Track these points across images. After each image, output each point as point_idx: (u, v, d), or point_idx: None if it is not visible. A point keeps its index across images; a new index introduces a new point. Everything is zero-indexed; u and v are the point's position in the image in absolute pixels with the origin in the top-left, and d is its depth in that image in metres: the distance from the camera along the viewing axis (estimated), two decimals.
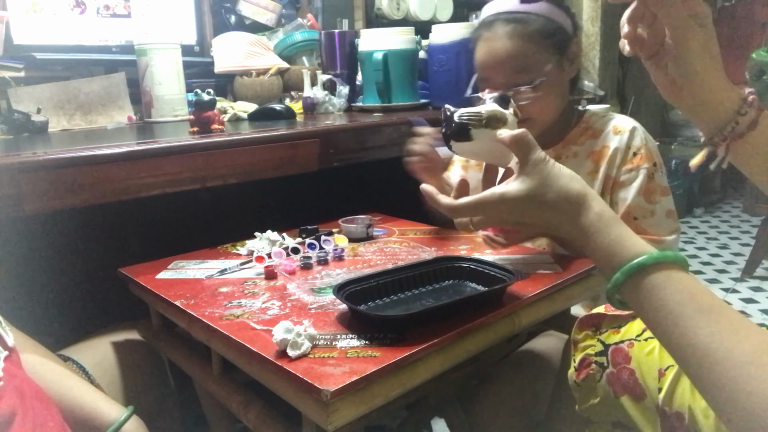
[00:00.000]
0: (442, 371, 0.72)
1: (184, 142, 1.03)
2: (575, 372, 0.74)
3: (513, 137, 0.59)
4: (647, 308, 0.49)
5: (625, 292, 0.51)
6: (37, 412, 0.60)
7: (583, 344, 0.75)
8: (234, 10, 1.86)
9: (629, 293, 0.51)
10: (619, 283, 0.51)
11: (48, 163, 0.85)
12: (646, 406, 0.68)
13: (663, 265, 0.49)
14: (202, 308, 0.81)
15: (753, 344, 0.43)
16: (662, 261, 0.49)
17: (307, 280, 0.91)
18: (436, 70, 1.58)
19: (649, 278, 0.49)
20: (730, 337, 0.44)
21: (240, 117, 1.48)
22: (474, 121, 0.62)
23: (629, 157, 1.03)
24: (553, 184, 0.56)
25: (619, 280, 0.50)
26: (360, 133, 1.30)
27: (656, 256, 0.49)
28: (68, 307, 1.26)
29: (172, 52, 1.45)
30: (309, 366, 0.64)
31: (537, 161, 0.57)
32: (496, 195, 0.58)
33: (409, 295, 0.84)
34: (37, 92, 1.34)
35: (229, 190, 1.14)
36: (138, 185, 0.96)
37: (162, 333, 0.98)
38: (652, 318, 0.49)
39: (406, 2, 2.31)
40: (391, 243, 1.09)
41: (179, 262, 1.02)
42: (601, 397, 0.72)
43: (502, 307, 0.79)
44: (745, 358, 0.42)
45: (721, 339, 0.44)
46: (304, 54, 1.84)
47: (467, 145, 0.64)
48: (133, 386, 0.96)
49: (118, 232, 1.34)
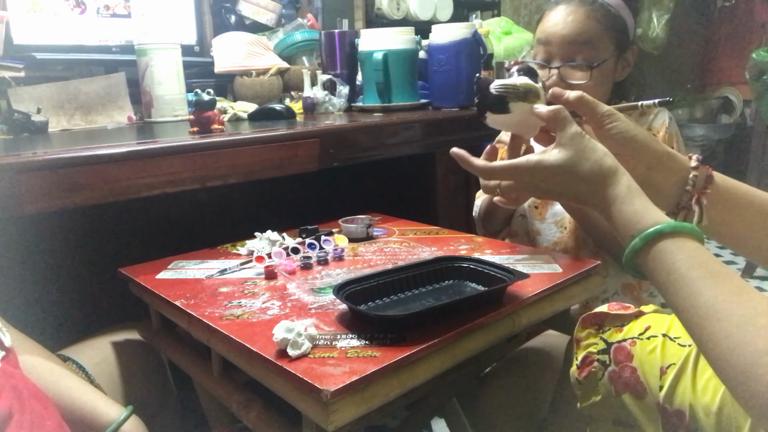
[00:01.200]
0: (442, 371, 0.72)
1: (184, 142, 1.03)
2: (577, 370, 0.74)
3: (552, 112, 0.62)
4: (659, 271, 0.53)
5: (641, 256, 0.54)
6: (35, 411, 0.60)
7: (586, 342, 0.75)
8: (234, 10, 1.86)
9: (644, 258, 0.54)
10: (638, 248, 0.54)
11: (48, 163, 0.85)
12: (648, 404, 0.68)
13: (679, 233, 0.53)
14: (202, 308, 0.81)
15: (752, 306, 0.47)
16: (679, 230, 0.53)
17: (307, 280, 0.91)
18: (436, 70, 1.58)
19: (664, 243, 0.53)
20: (732, 299, 0.48)
21: (240, 117, 1.48)
22: (511, 93, 0.63)
23: (662, 134, 1.06)
24: (589, 156, 0.59)
25: (637, 245, 0.54)
26: (360, 133, 1.30)
27: (674, 225, 0.53)
28: (68, 307, 1.26)
29: (172, 52, 1.45)
30: (309, 366, 0.64)
31: (573, 135, 0.60)
32: (533, 162, 0.60)
33: (409, 295, 0.84)
34: (37, 92, 1.34)
35: (229, 190, 1.14)
36: (138, 185, 0.96)
37: (162, 333, 0.98)
38: (663, 281, 0.52)
39: (406, 2, 2.31)
40: (391, 243, 1.09)
41: (179, 262, 1.02)
42: (603, 395, 0.72)
43: (502, 307, 0.79)
44: (744, 318, 0.46)
45: (724, 300, 0.48)
46: (304, 54, 1.84)
47: (503, 117, 0.64)
48: (133, 386, 0.96)
49: (118, 232, 1.34)
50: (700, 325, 0.48)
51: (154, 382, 1.02)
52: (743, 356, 0.45)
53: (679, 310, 0.52)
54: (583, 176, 0.59)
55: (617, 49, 1.04)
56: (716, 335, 0.47)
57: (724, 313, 0.47)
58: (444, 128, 1.45)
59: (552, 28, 1.04)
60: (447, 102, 1.59)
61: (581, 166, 0.59)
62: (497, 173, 0.62)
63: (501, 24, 2.18)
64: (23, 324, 0.82)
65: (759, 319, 0.46)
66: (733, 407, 0.61)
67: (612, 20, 1.02)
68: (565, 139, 0.60)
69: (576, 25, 1.01)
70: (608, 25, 1.02)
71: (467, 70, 1.55)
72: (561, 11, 1.03)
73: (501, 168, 0.62)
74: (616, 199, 0.57)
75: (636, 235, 0.54)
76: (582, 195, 0.60)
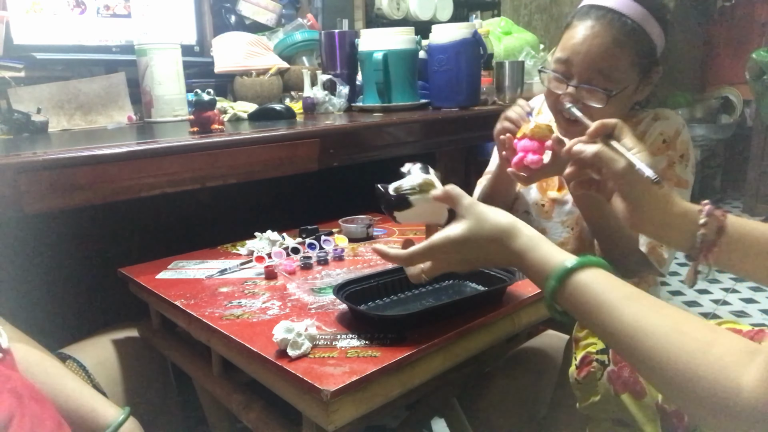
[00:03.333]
0: (442, 371, 0.72)
1: (184, 142, 1.03)
2: (576, 370, 0.74)
3: (444, 192, 0.67)
4: (580, 304, 0.55)
5: (560, 296, 0.57)
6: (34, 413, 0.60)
7: (585, 342, 0.75)
8: (234, 10, 1.86)
9: (563, 296, 0.57)
10: (555, 289, 0.56)
11: (48, 163, 0.85)
12: (647, 403, 0.68)
13: (587, 266, 0.56)
14: (202, 308, 0.81)
15: (672, 318, 0.50)
16: (586, 263, 0.56)
17: (307, 280, 0.91)
18: (436, 70, 1.58)
19: (577, 277, 0.56)
20: (652, 314, 0.51)
21: (240, 117, 1.47)
22: (409, 190, 0.71)
23: (659, 144, 1.02)
24: (486, 219, 0.63)
25: (553, 286, 0.56)
26: (360, 133, 1.30)
27: (581, 260, 0.56)
28: (68, 307, 1.26)
29: (172, 52, 1.45)
30: (309, 366, 0.64)
31: (469, 205, 0.65)
32: (441, 238, 0.64)
33: (409, 295, 0.84)
34: (37, 92, 1.34)
35: (229, 190, 1.14)
36: (138, 185, 0.96)
37: (162, 333, 0.98)
38: (586, 312, 0.55)
39: (406, 2, 2.31)
40: (391, 243, 1.09)
41: (179, 262, 1.02)
42: (602, 395, 0.72)
43: (502, 307, 0.79)
44: (668, 328, 0.49)
45: (645, 315, 0.51)
46: (304, 54, 1.84)
47: (409, 211, 0.71)
48: (134, 386, 0.96)
49: (118, 232, 1.34)
50: (631, 344, 0.50)
51: (155, 382, 1.02)
52: (678, 363, 0.47)
53: (607, 335, 0.53)
54: (487, 238, 0.62)
55: (640, 74, 0.98)
56: (648, 351, 0.49)
57: (649, 328, 0.49)
58: (444, 128, 1.45)
59: (576, 46, 0.96)
60: (447, 102, 1.59)
61: (482, 230, 0.63)
62: (414, 257, 0.65)
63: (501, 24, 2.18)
64: (23, 323, 0.82)
65: (682, 326, 0.49)
66: None
67: (638, 45, 0.95)
68: (463, 211, 0.65)
69: (600, 50, 0.94)
70: (634, 51, 0.95)
71: (467, 70, 1.55)
72: (587, 29, 0.95)
73: (416, 252, 0.65)
74: (522, 250, 0.60)
75: (549, 277, 0.57)
76: (492, 255, 0.63)
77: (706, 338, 0.47)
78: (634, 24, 0.94)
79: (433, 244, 0.64)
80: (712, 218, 0.66)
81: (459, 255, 0.64)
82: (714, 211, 0.66)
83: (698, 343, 0.47)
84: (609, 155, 0.66)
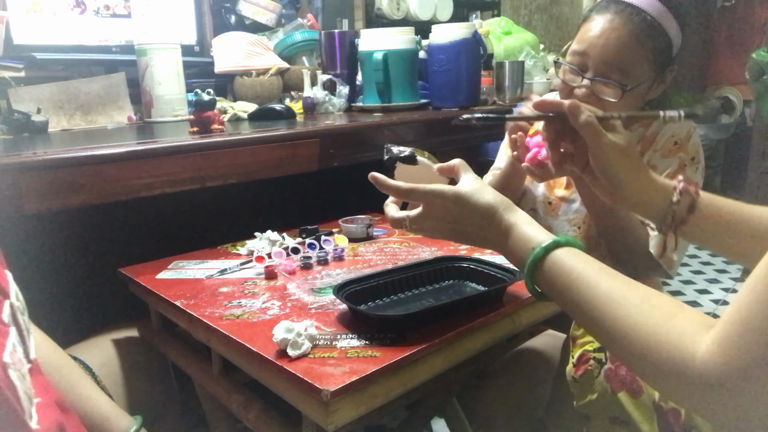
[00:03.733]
0: (442, 371, 0.72)
1: (184, 142, 1.03)
2: (573, 368, 0.75)
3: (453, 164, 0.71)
4: (559, 274, 0.58)
5: (538, 275, 0.60)
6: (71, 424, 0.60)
7: (582, 340, 0.76)
8: (234, 10, 1.86)
9: (541, 274, 0.59)
10: (539, 257, 0.59)
11: (48, 163, 0.85)
12: (644, 402, 0.68)
13: (563, 245, 0.59)
14: (202, 308, 0.81)
15: (644, 291, 0.53)
16: (572, 243, 0.59)
17: (307, 280, 0.91)
18: (436, 70, 1.58)
19: (561, 251, 0.58)
20: (626, 287, 0.54)
21: (240, 117, 1.47)
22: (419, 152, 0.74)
23: (670, 146, 1.02)
24: (484, 194, 0.66)
25: (539, 254, 0.59)
26: (360, 133, 1.30)
27: (567, 239, 0.60)
28: (68, 307, 1.26)
29: (172, 52, 1.45)
30: (309, 366, 0.64)
31: (472, 178, 0.68)
32: (438, 188, 0.66)
33: (409, 295, 0.84)
34: (37, 92, 1.34)
35: (229, 190, 1.14)
36: (138, 185, 0.96)
37: (162, 333, 0.98)
38: (562, 282, 0.57)
39: (406, 2, 2.31)
40: (391, 243, 1.09)
41: (179, 262, 1.02)
42: (599, 393, 0.72)
43: (502, 307, 0.79)
44: (639, 300, 0.52)
45: (620, 288, 0.54)
46: (304, 54, 1.84)
47: (411, 168, 0.73)
48: (137, 386, 0.96)
49: (118, 232, 1.34)
50: (602, 312, 0.53)
51: (157, 382, 1.02)
52: (642, 330, 0.49)
53: (579, 306, 0.56)
54: (479, 208, 0.65)
55: (655, 72, 0.97)
56: (616, 318, 0.52)
57: (621, 299, 0.52)
58: (444, 128, 1.45)
59: (593, 39, 0.95)
60: (447, 102, 1.59)
61: (477, 201, 0.65)
62: (411, 193, 0.68)
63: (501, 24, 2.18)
64: None
65: (652, 300, 0.52)
66: None
67: (656, 41, 0.95)
68: (464, 180, 0.68)
69: (617, 44, 0.93)
70: (651, 47, 0.95)
71: (467, 70, 1.55)
72: (606, 22, 0.95)
73: (412, 189, 0.67)
74: (516, 223, 0.63)
75: (536, 246, 0.60)
76: (478, 228, 0.65)
77: (671, 311, 0.49)
78: (653, 20, 0.94)
79: (430, 190, 0.66)
80: (685, 195, 0.68)
81: (447, 214, 0.66)
82: (687, 188, 0.68)
83: (663, 315, 0.49)
84: (597, 128, 0.68)
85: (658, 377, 0.49)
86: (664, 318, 0.49)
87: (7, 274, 0.60)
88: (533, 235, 0.61)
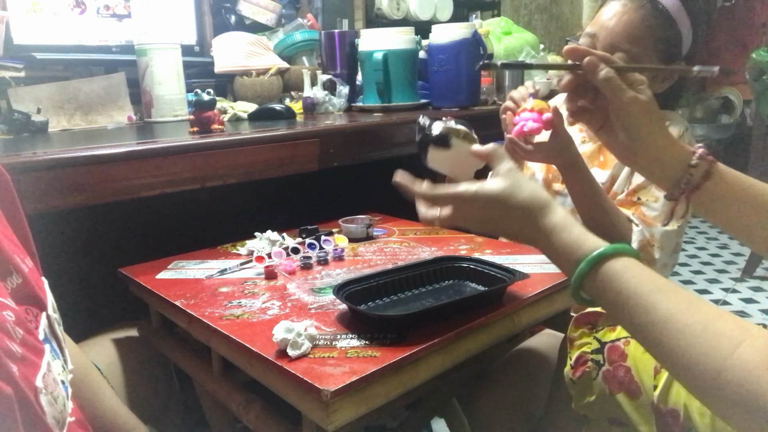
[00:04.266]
0: (442, 371, 0.72)
1: (184, 142, 1.03)
2: (571, 370, 0.75)
3: (488, 149, 0.65)
4: (609, 292, 0.54)
5: (588, 281, 0.55)
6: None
7: (579, 342, 0.75)
8: (234, 10, 1.86)
9: (591, 282, 0.55)
10: (585, 273, 0.55)
11: (48, 163, 0.85)
12: (642, 403, 0.68)
13: (620, 254, 0.55)
14: (202, 308, 0.81)
15: (704, 313, 0.49)
16: (620, 251, 0.55)
17: (307, 280, 0.91)
18: (436, 70, 1.58)
19: (609, 264, 0.54)
20: (685, 309, 0.50)
21: (240, 117, 1.47)
22: (453, 132, 0.67)
23: None
24: (525, 188, 0.61)
25: (584, 269, 0.55)
26: (360, 133, 1.30)
27: (615, 247, 0.55)
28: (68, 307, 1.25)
29: (172, 52, 1.45)
30: (309, 366, 0.64)
31: (509, 169, 0.62)
32: (472, 189, 0.61)
33: (409, 295, 0.84)
34: (37, 92, 1.34)
35: (229, 190, 1.14)
36: (138, 185, 0.96)
37: (162, 333, 0.98)
38: (613, 301, 0.54)
39: (406, 2, 2.31)
40: (391, 243, 1.09)
41: (179, 262, 1.02)
42: (597, 395, 0.72)
43: (502, 307, 0.79)
44: (701, 326, 0.48)
45: (678, 311, 0.50)
46: (304, 54, 1.84)
47: (444, 153, 0.68)
48: (138, 386, 0.96)
49: (118, 232, 1.34)
50: (659, 340, 0.50)
51: (157, 382, 1.02)
52: (708, 364, 0.46)
53: (634, 328, 0.53)
54: (520, 205, 0.60)
55: (662, 62, 0.98)
56: (677, 348, 0.48)
57: (681, 324, 0.49)
58: None
59: (604, 21, 0.98)
60: (447, 102, 1.59)
61: (517, 196, 0.60)
62: (439, 199, 0.63)
63: (501, 24, 2.18)
64: None
65: (714, 324, 0.48)
66: None
67: (666, 31, 0.96)
68: (503, 172, 0.62)
69: (626, 25, 0.96)
70: (660, 36, 0.96)
71: (467, 70, 1.55)
72: (620, 6, 0.98)
73: (444, 194, 0.62)
74: (554, 228, 0.58)
75: (581, 259, 0.55)
76: (518, 225, 0.61)
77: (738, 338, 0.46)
78: (666, 11, 0.96)
79: (464, 193, 0.61)
80: (703, 161, 0.66)
81: (484, 212, 0.62)
82: (706, 155, 0.66)
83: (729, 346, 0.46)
84: (617, 84, 0.65)
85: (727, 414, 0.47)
86: (730, 349, 0.46)
87: (44, 282, 0.59)
88: (576, 244, 0.57)
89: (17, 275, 0.52)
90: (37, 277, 0.57)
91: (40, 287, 0.57)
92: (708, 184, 0.66)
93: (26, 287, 0.53)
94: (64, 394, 0.52)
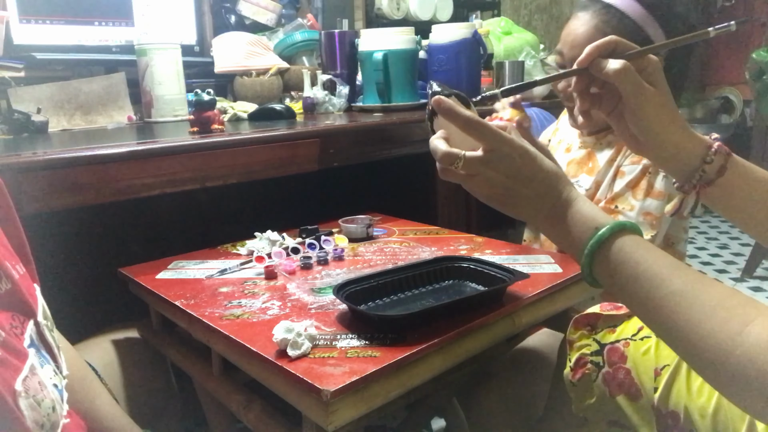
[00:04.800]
0: (442, 371, 0.72)
1: (184, 142, 1.03)
2: (571, 372, 0.74)
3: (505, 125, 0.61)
4: (626, 263, 0.53)
5: (605, 249, 0.54)
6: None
7: (579, 344, 0.75)
8: (234, 10, 1.85)
9: (608, 251, 0.54)
10: (605, 238, 0.54)
11: (48, 163, 0.85)
12: (642, 405, 0.68)
13: (628, 231, 0.54)
14: (202, 308, 0.81)
15: (718, 290, 0.49)
16: (628, 227, 0.54)
17: (307, 280, 0.91)
18: (436, 70, 1.58)
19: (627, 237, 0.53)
20: (699, 285, 0.50)
21: (240, 117, 1.47)
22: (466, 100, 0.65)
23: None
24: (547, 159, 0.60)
25: (605, 234, 0.54)
26: (360, 133, 1.30)
27: (621, 223, 0.54)
28: (68, 307, 1.26)
29: (172, 52, 1.45)
30: (309, 366, 0.64)
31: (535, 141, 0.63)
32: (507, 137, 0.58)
33: (409, 295, 0.84)
34: (37, 92, 1.34)
35: (229, 190, 1.14)
36: (138, 185, 0.96)
37: (162, 333, 0.98)
38: (631, 273, 0.52)
39: (406, 2, 2.31)
40: (391, 243, 1.09)
41: (179, 262, 1.02)
42: (597, 397, 0.72)
43: (502, 307, 0.79)
44: (715, 301, 0.48)
45: (693, 287, 0.49)
46: (304, 54, 1.84)
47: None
48: (137, 386, 0.96)
49: (118, 232, 1.34)
50: (674, 312, 0.49)
51: (157, 382, 1.02)
52: (719, 337, 0.46)
53: (644, 303, 0.52)
54: (549, 169, 0.59)
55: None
56: (691, 321, 0.48)
57: (696, 299, 0.48)
58: None
59: (565, 37, 1.05)
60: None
61: (546, 161, 0.59)
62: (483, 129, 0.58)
63: (501, 24, 2.18)
64: None
65: (728, 300, 0.48)
66: (730, 409, 0.60)
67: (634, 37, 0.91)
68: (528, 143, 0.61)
69: (583, 38, 0.99)
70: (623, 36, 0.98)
71: (467, 70, 1.55)
72: (575, 20, 1.04)
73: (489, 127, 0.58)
74: (576, 199, 0.58)
75: (600, 227, 0.54)
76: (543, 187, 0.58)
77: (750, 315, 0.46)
78: (627, 18, 0.98)
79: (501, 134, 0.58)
80: (718, 156, 0.64)
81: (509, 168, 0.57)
82: (722, 148, 0.65)
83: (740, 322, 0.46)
84: (631, 77, 0.62)
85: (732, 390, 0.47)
86: (742, 325, 0.46)
87: (36, 289, 0.59)
88: (596, 215, 0.56)
89: (6, 281, 0.52)
90: (28, 284, 0.57)
91: (31, 294, 0.56)
92: (721, 179, 0.65)
93: (15, 293, 0.53)
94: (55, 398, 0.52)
